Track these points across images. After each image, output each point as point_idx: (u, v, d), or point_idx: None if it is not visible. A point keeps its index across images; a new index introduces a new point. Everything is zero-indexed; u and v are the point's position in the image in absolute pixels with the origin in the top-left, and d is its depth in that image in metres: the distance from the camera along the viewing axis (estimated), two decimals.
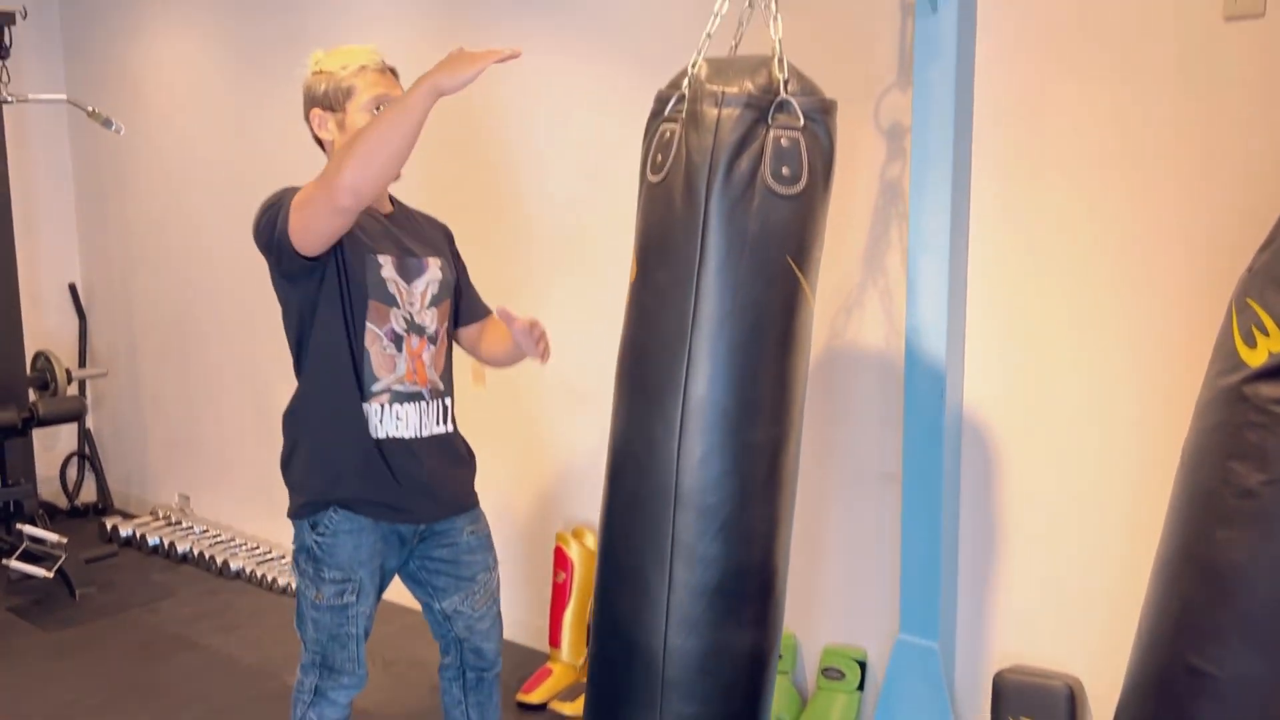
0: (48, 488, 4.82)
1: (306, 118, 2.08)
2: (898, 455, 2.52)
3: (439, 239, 2.20)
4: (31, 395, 4.44)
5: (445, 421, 2.13)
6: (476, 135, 3.36)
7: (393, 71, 2.09)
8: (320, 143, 2.10)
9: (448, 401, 2.14)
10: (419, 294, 2.07)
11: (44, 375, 4.55)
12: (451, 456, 2.15)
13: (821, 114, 1.79)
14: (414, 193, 2.35)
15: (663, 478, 1.81)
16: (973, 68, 2.35)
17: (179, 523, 4.59)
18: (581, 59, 3.12)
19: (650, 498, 1.84)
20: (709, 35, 1.86)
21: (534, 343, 2.09)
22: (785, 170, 1.74)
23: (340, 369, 2.01)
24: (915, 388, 2.41)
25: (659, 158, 1.83)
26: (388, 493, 2.03)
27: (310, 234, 1.89)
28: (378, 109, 2.00)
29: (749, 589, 1.84)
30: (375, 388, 2.02)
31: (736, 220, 1.74)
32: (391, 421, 2.03)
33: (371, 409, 2.01)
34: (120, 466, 5.11)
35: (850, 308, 2.63)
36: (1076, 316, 2.31)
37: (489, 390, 3.08)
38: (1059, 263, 2.32)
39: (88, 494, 5.07)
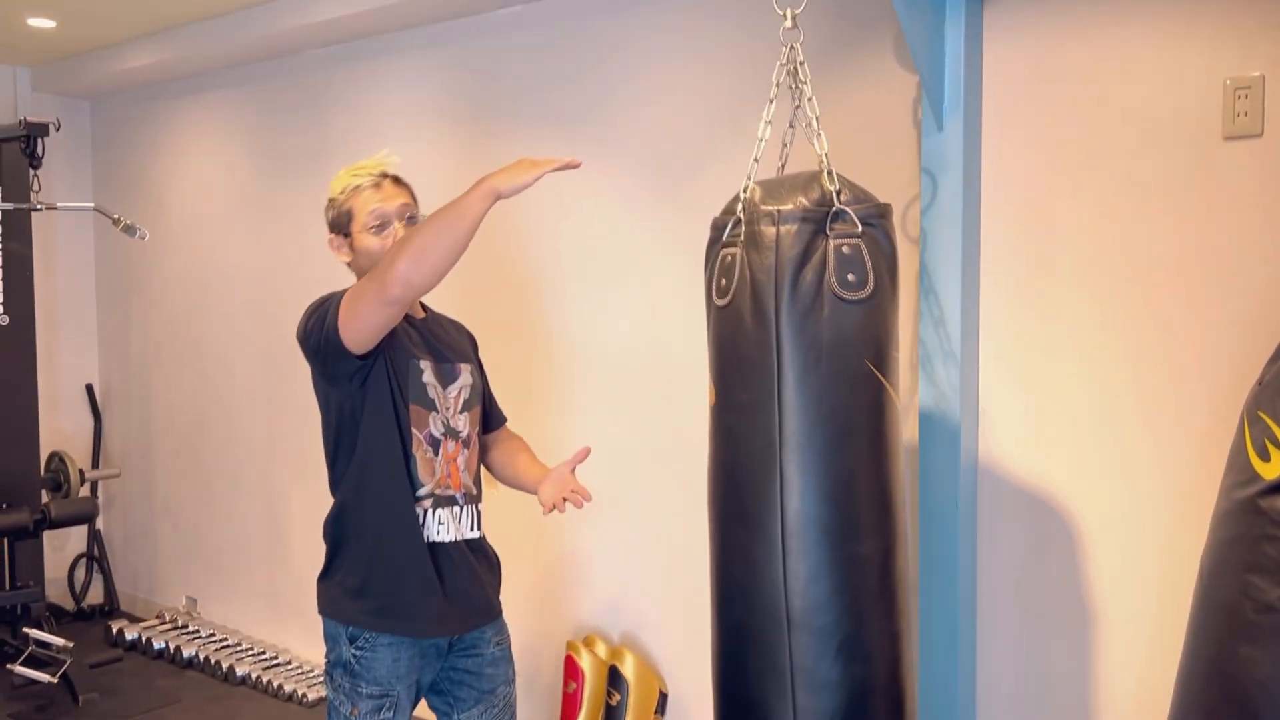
0: (55, 589, 4.79)
1: (328, 244, 2.16)
2: (914, 548, 2.51)
3: (466, 345, 2.23)
4: (44, 496, 4.46)
5: (477, 527, 2.13)
6: (501, 241, 3.43)
7: (394, 179, 2.11)
8: (348, 265, 2.15)
9: (479, 507, 2.14)
10: (453, 399, 2.10)
11: (58, 476, 4.57)
12: (483, 562, 2.14)
13: (878, 218, 1.82)
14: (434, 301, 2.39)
15: (771, 602, 1.78)
16: (980, 180, 2.42)
17: (185, 626, 4.54)
18: (601, 170, 3.20)
19: (761, 625, 1.80)
20: (756, 160, 1.91)
21: (566, 488, 2.06)
22: (851, 276, 1.77)
23: (392, 473, 2.01)
24: (930, 484, 2.41)
25: (723, 281, 1.86)
26: (434, 601, 2.01)
27: (359, 327, 1.90)
28: (378, 225, 2.05)
29: (877, 709, 1.79)
30: (420, 493, 2.03)
31: (809, 331, 1.76)
32: (434, 525, 2.04)
33: (418, 513, 2.02)
34: (128, 568, 5.08)
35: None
36: (1089, 422, 2.33)
37: (499, 492, 3.08)
38: (1071, 368, 2.34)
39: (95, 595, 5.03)
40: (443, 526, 2.04)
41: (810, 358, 1.76)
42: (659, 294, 3.07)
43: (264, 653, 4.22)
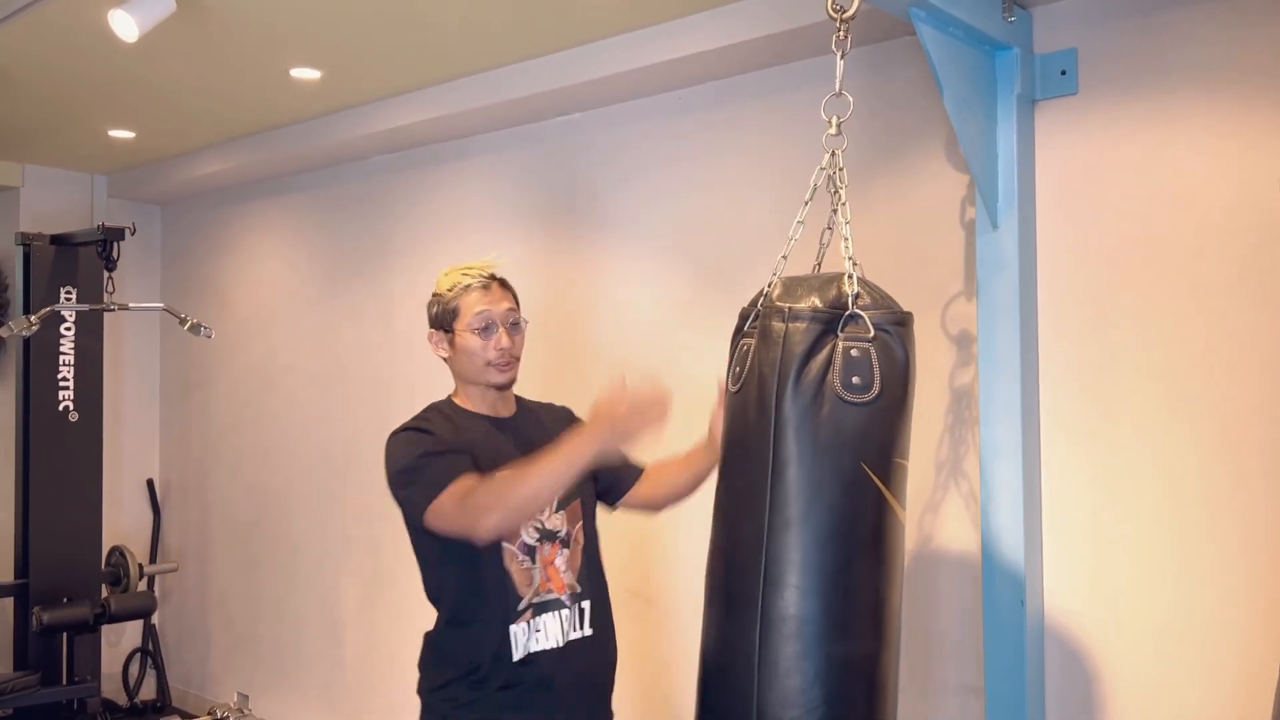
0: (110, 684, 4.80)
1: (428, 338, 2.19)
2: (979, 666, 2.45)
3: (559, 433, 2.18)
4: (104, 590, 4.51)
5: (583, 625, 2.10)
6: (571, 337, 3.49)
7: (501, 282, 2.16)
8: (444, 359, 2.19)
9: (585, 605, 2.10)
10: None
11: (117, 570, 4.62)
12: (590, 661, 2.10)
13: (894, 325, 1.84)
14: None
15: (743, 688, 1.78)
16: (1035, 280, 2.43)
17: None
18: (651, 265, 3.26)
19: (729, 711, 1.81)
20: (784, 258, 1.97)
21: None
22: (855, 379, 1.79)
23: (481, 598, 2.02)
24: (994, 595, 2.37)
25: (737, 370, 1.91)
26: (518, 713, 2.01)
27: (444, 531, 1.94)
28: (483, 328, 2.08)
29: None
30: (520, 606, 2.03)
31: (807, 427, 1.78)
32: (532, 635, 2.03)
33: (518, 629, 2.02)
34: (182, 663, 5.10)
35: (926, 513, 2.62)
36: (1156, 524, 2.29)
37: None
38: (1135, 469, 2.32)
39: (148, 690, 5.04)
40: (540, 634, 2.03)
41: (805, 453, 1.78)
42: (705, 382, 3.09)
43: None
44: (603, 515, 2.26)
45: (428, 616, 2.15)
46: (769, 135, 3.00)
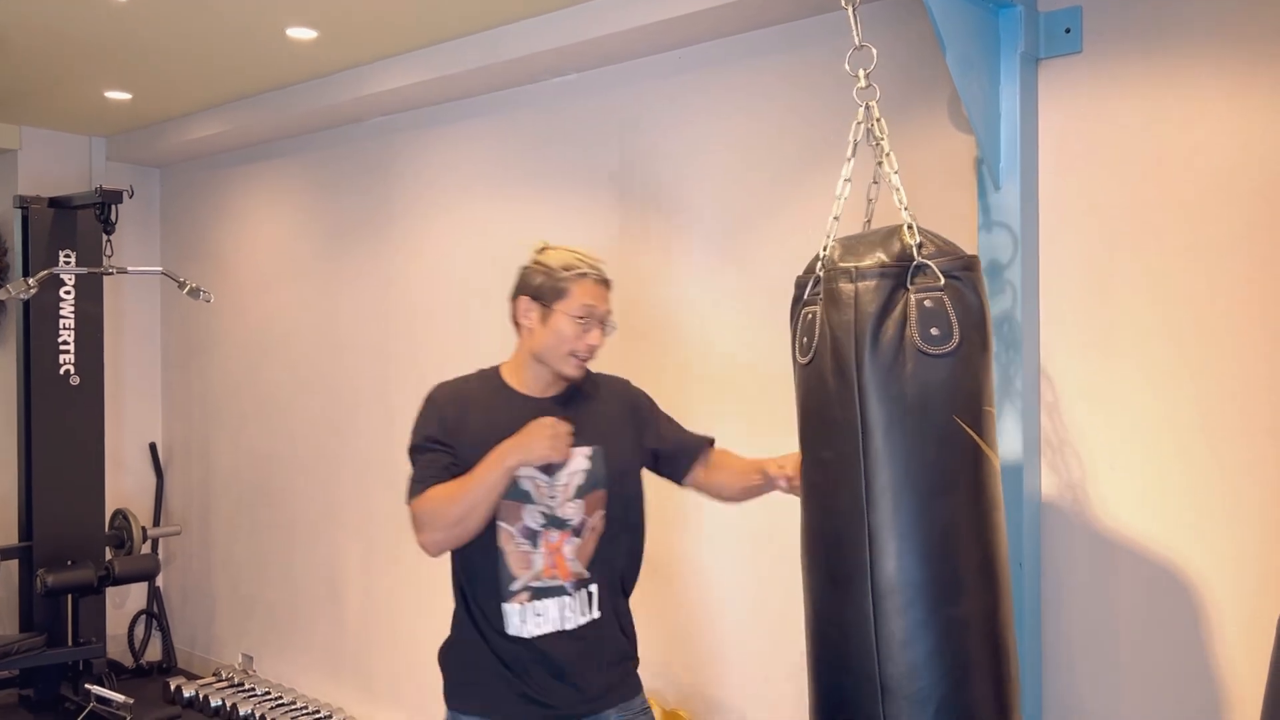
0: (115, 646, 4.85)
1: (513, 299, 2.13)
2: None
3: (613, 416, 2.18)
4: (108, 553, 4.54)
5: (590, 609, 2.09)
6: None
7: (608, 280, 2.14)
8: (516, 324, 2.15)
9: (592, 589, 2.10)
10: (561, 487, 2.07)
11: (121, 533, 4.66)
12: (598, 647, 2.10)
13: (963, 270, 1.78)
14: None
15: (864, 666, 1.73)
16: (1037, 240, 2.42)
17: (241, 684, 4.57)
18: (656, 229, 3.25)
19: (854, 690, 1.75)
20: (835, 218, 1.90)
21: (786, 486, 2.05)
22: (934, 331, 1.73)
23: (474, 573, 2.08)
24: None
25: (805, 340, 1.84)
26: (524, 688, 2.05)
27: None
28: (585, 319, 2.06)
29: None
30: (514, 587, 2.05)
31: (892, 387, 1.72)
32: (533, 619, 2.05)
33: (511, 609, 2.04)
34: (186, 625, 5.14)
35: None
36: (1157, 484, 2.29)
37: None
38: (1138, 430, 2.32)
39: (153, 652, 5.09)
40: (541, 618, 2.05)
41: (895, 413, 1.72)
42: (719, 351, 3.09)
43: (319, 711, 4.23)
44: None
45: (427, 577, 2.16)
46: (770, 94, 2.97)
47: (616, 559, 2.15)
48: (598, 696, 2.09)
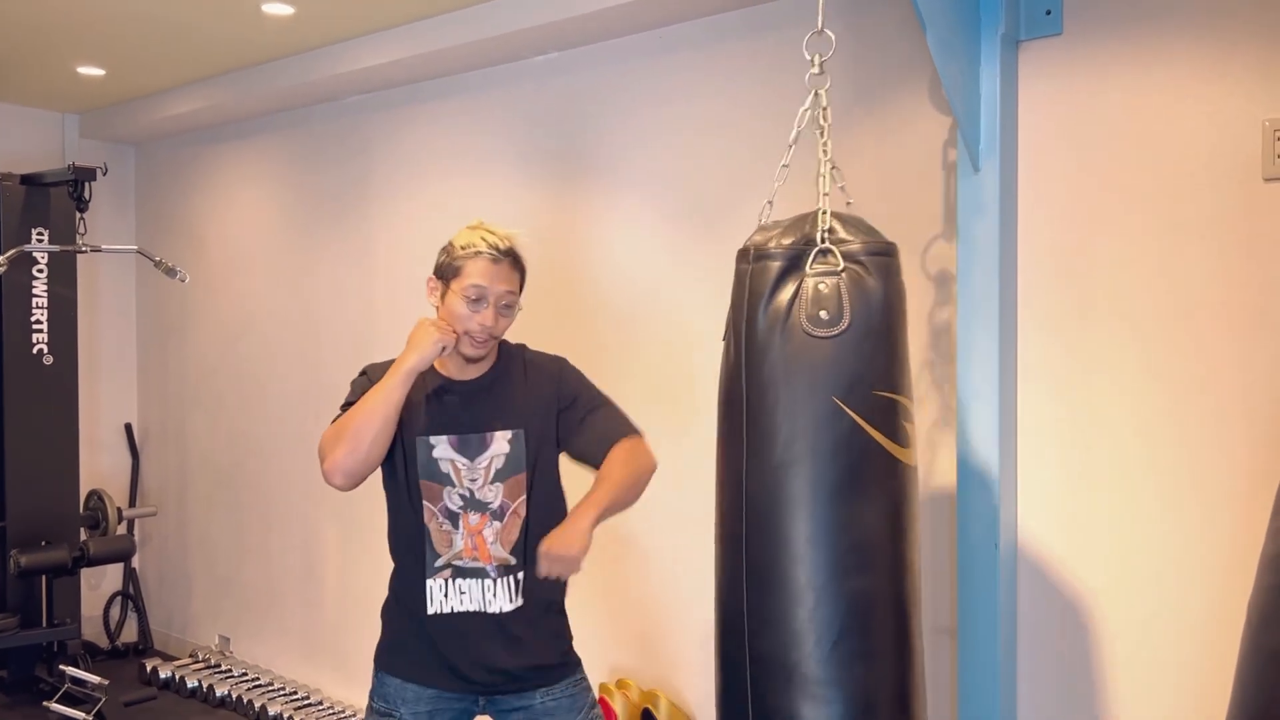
0: (90, 627, 4.82)
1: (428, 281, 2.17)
2: (952, 608, 2.48)
3: (538, 398, 2.12)
4: (82, 534, 4.50)
5: (516, 596, 2.07)
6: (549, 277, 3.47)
7: (514, 260, 2.09)
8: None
9: (519, 576, 2.07)
10: (481, 470, 2.07)
11: (96, 514, 4.62)
12: (526, 631, 2.09)
13: (869, 256, 1.83)
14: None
15: (737, 634, 1.82)
16: (1016, 222, 2.42)
17: (218, 665, 4.55)
18: (633, 207, 3.24)
19: (729, 656, 1.86)
20: (769, 203, 1.97)
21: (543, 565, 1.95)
22: (823, 314, 1.79)
23: (404, 546, 2.12)
24: (968, 537, 2.39)
25: (727, 317, 1.93)
26: (450, 661, 2.08)
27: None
28: (475, 300, 2.02)
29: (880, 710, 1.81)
30: (438, 564, 2.08)
31: (776, 365, 1.79)
32: (455, 596, 2.07)
33: (435, 584, 2.08)
34: (162, 606, 5.11)
35: None
36: (1130, 464, 2.31)
37: None
38: (1111, 411, 2.33)
39: (129, 633, 5.06)
40: (464, 596, 2.07)
41: (774, 389, 1.79)
42: (690, 326, 3.09)
43: (296, 692, 4.22)
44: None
45: None
46: (751, 75, 2.96)
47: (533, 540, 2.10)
48: (522, 678, 2.09)
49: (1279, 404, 2.10)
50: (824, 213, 1.85)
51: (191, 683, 4.37)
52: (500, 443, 2.08)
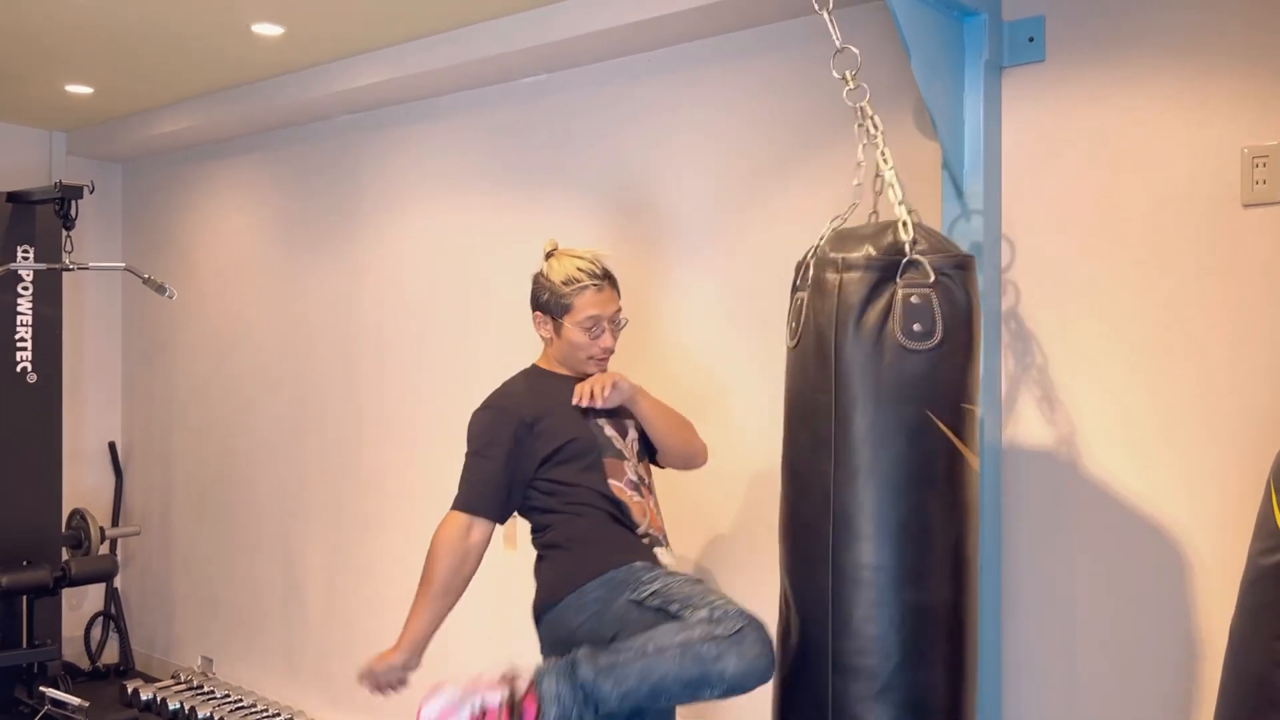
0: (71, 648, 4.77)
1: (532, 311, 2.37)
2: None
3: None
4: (64, 553, 4.47)
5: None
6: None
7: (612, 281, 2.35)
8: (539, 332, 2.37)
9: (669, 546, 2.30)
10: (630, 449, 2.33)
11: (78, 533, 4.58)
12: None
13: (955, 269, 1.84)
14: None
15: (819, 639, 1.82)
16: (999, 245, 2.44)
17: (200, 687, 4.51)
18: (627, 231, 3.25)
19: (809, 662, 1.85)
20: (854, 204, 2.01)
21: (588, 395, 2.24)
22: (916, 327, 1.78)
23: (606, 526, 2.24)
24: None
25: (793, 325, 1.92)
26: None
27: None
28: (592, 328, 2.26)
29: None
30: (639, 531, 2.26)
31: (869, 377, 1.79)
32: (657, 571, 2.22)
33: (641, 564, 2.21)
34: (145, 627, 5.07)
35: None
36: (1111, 487, 2.32)
37: (518, 553, 3.08)
38: (1095, 433, 2.34)
39: (110, 654, 5.02)
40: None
41: (866, 403, 1.78)
42: (684, 340, 3.10)
43: (279, 714, 4.18)
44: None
45: (390, 580, 2.16)
46: (738, 97, 2.98)
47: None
48: None
49: (1261, 424, 2.11)
50: (907, 223, 1.85)
51: (174, 704, 4.32)
52: (632, 429, 2.33)
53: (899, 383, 1.78)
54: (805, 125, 2.82)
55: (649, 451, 2.39)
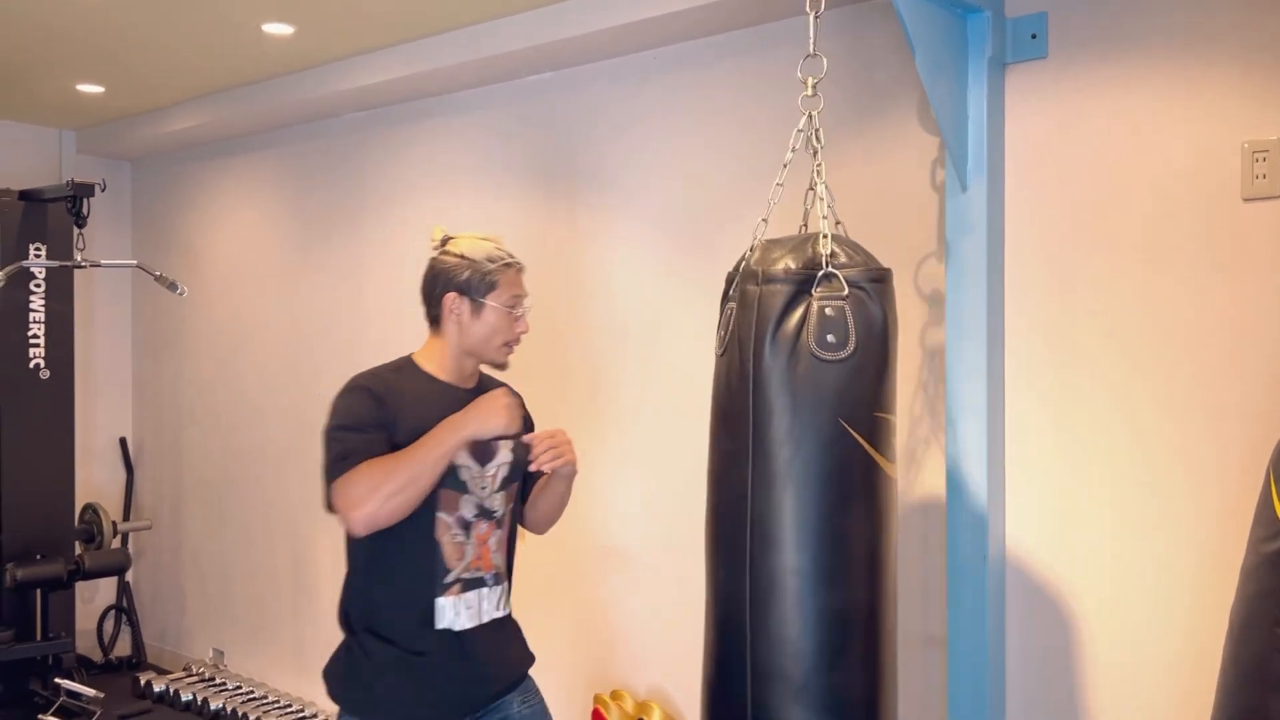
0: (84, 641, 4.82)
1: (434, 295, 2.09)
2: (942, 618, 2.51)
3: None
4: (77, 547, 4.51)
5: (504, 603, 2.11)
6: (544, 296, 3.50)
7: (522, 268, 2.15)
8: (436, 320, 2.11)
9: (505, 585, 2.12)
10: (490, 477, 2.06)
11: (91, 528, 4.63)
12: (505, 637, 2.13)
13: (870, 283, 1.88)
14: None
15: (738, 646, 1.86)
16: (1002, 242, 2.47)
17: (212, 679, 4.56)
18: (627, 227, 3.28)
19: (727, 661, 1.89)
20: (764, 221, 2.01)
21: (541, 451, 2.04)
22: (830, 337, 1.84)
23: (403, 566, 2.00)
24: (957, 549, 2.43)
25: (721, 334, 1.97)
26: (441, 688, 2.02)
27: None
28: (514, 309, 2.07)
29: None
30: (448, 579, 2.01)
31: (784, 386, 1.83)
32: (464, 611, 2.02)
33: (446, 602, 2.00)
34: (156, 620, 5.12)
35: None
36: (1114, 479, 2.35)
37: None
38: (1097, 427, 2.37)
39: (122, 647, 5.06)
40: (470, 610, 2.03)
41: (782, 411, 1.83)
42: (684, 344, 3.13)
43: (290, 705, 4.23)
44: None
45: None
46: (744, 96, 3.01)
47: (513, 556, 2.17)
48: (503, 680, 2.10)
49: (1261, 418, 2.14)
50: (825, 236, 1.89)
51: (185, 696, 4.37)
52: (504, 451, 2.09)
53: (814, 392, 1.83)
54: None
55: (523, 487, 2.18)
